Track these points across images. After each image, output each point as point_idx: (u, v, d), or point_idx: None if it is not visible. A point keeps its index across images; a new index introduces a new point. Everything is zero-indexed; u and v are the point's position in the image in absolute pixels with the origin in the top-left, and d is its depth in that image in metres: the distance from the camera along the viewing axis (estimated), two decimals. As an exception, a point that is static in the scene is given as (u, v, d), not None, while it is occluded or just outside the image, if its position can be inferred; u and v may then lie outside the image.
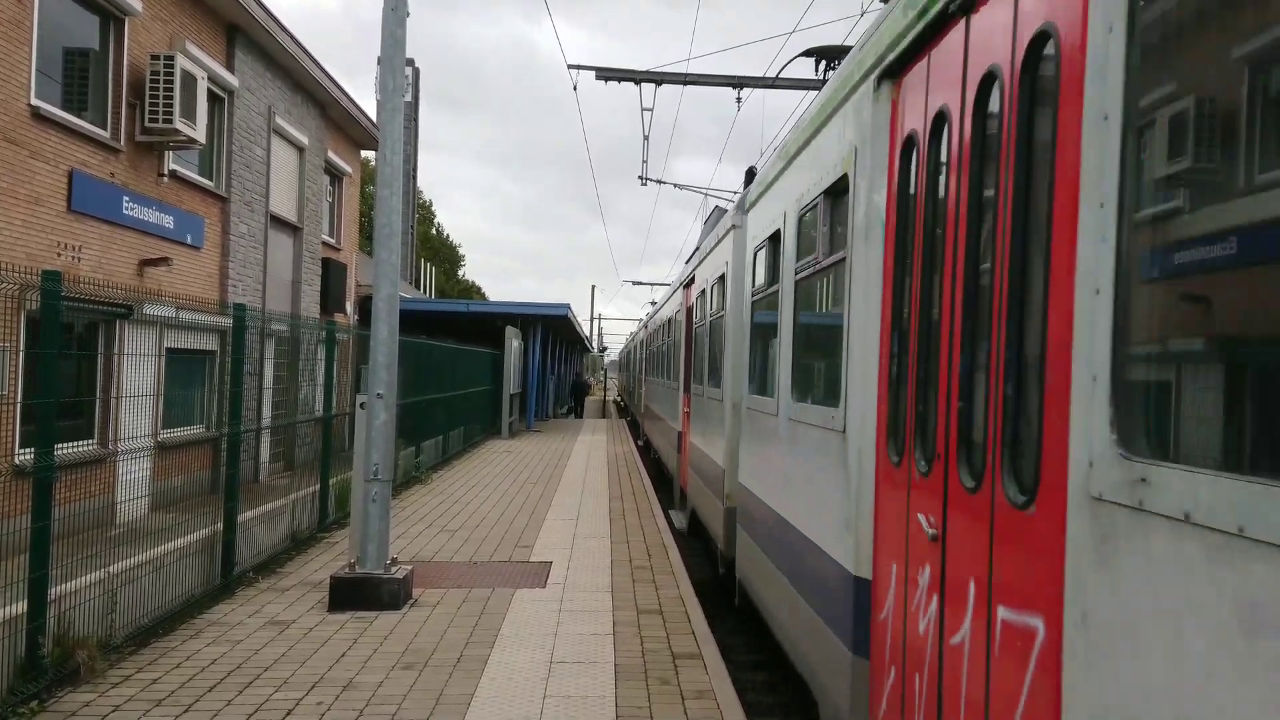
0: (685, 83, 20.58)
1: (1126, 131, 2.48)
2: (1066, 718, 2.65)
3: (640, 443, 27.70)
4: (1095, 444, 2.53)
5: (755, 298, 8.20)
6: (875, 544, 4.66)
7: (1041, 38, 3.02)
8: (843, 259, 5.12)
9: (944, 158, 3.90)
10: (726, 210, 11.42)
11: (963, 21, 3.69)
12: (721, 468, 10.12)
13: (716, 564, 10.68)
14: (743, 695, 6.87)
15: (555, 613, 8.60)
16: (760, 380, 7.90)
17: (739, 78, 20.32)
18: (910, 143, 4.30)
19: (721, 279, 10.79)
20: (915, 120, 4.24)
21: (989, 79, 3.43)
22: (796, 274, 6.39)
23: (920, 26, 4.04)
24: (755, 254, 8.27)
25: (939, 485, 3.80)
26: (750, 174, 12.13)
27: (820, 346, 5.93)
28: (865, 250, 4.70)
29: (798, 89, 21.08)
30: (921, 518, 3.95)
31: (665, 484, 19.05)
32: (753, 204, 8.64)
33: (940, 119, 3.92)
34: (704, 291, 12.67)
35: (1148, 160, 2.48)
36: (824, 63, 10.07)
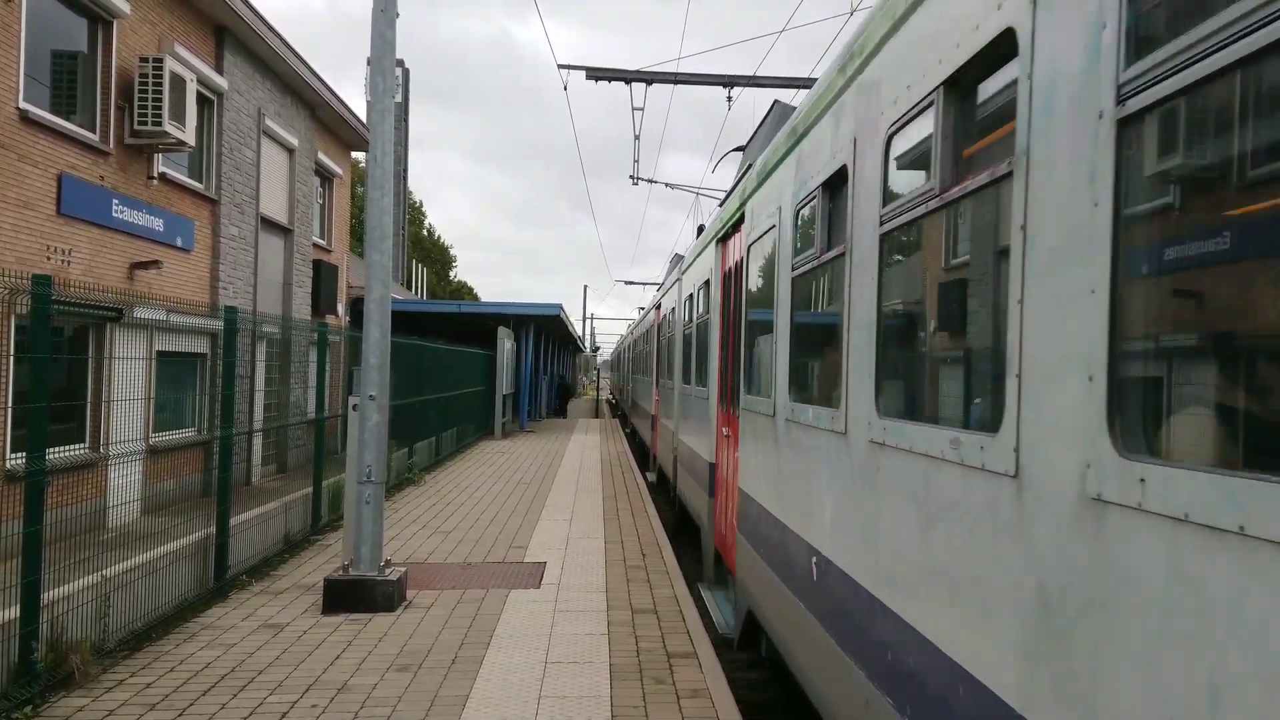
0: (676, 82, 20.58)
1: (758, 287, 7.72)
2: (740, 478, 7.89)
3: (628, 430, 31.30)
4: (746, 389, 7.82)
5: (684, 327, 13.98)
6: (715, 445, 10.08)
7: (750, 250, 7.84)
8: (706, 314, 10.95)
9: (733, 279, 8.89)
10: (683, 257, 16.26)
11: (735, 234, 8.92)
12: (672, 431, 15.42)
13: (670, 493, 16.16)
14: (738, 693, 6.88)
15: (550, 613, 8.60)
16: (681, 375, 14.28)
17: (730, 77, 20.33)
18: (726, 272, 9.57)
19: (673, 310, 16.32)
20: (726, 264, 9.58)
21: (741, 258, 8.32)
22: (697, 318, 12.28)
23: (722, 231, 9.71)
24: (686, 299, 13.90)
25: (727, 411, 9.15)
26: (700, 229, 16.75)
27: (698, 356, 11.95)
28: (713, 311, 10.35)
29: (788, 87, 21.11)
30: (724, 428, 9.38)
31: (659, 486, 19.04)
32: (684, 271, 14.56)
33: (732, 267, 9.03)
34: (662, 318, 19.21)
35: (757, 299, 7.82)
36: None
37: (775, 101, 8.88)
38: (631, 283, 65.80)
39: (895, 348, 4.42)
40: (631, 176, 23.15)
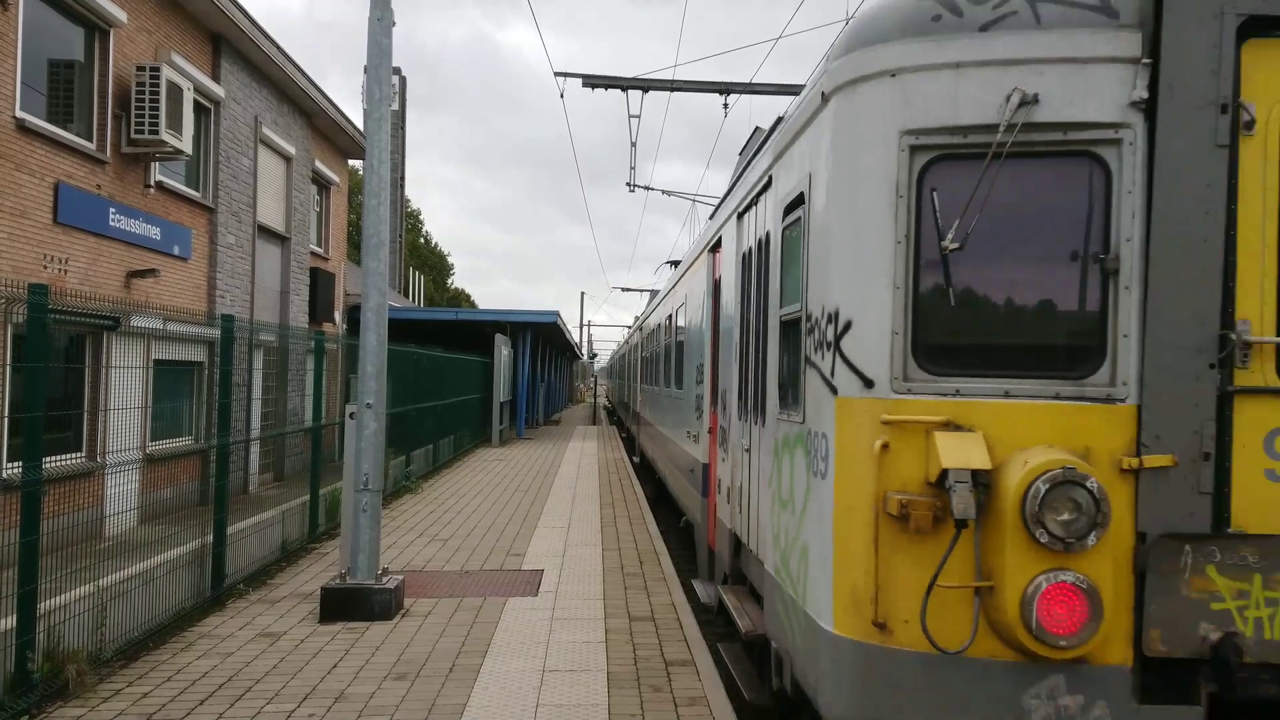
0: (672, 89, 20.64)
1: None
2: (725, 505, 8.43)
3: (624, 435, 34.56)
4: (732, 409, 8.18)
5: (666, 340, 15.43)
6: (710, 448, 9.67)
7: (719, 279, 9.18)
8: (700, 321, 10.66)
9: (721, 288, 9.03)
10: (658, 291, 18.52)
11: (717, 251, 9.36)
12: (636, 413, 19.14)
13: (636, 458, 20.31)
14: (736, 701, 6.87)
15: (547, 621, 8.59)
16: (659, 379, 16.59)
17: (725, 84, 20.39)
18: (715, 281, 9.50)
19: (654, 330, 18.34)
20: (717, 274, 9.39)
21: (720, 277, 9.15)
22: (678, 333, 13.16)
23: (712, 243, 9.59)
24: (667, 318, 15.27)
25: (713, 421, 9.31)
26: (675, 263, 18.39)
27: (678, 361, 13.27)
28: (701, 317, 10.42)
29: (783, 94, 21.14)
30: (714, 433, 9.33)
31: (659, 500, 19.07)
32: (671, 288, 15.24)
33: (719, 279, 9.23)
34: (646, 335, 21.77)
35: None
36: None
37: (756, 128, 8.90)
38: (629, 289, 65.80)
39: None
40: (628, 184, 23.19)
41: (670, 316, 14.62)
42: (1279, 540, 4.19)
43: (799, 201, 5.51)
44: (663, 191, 28.33)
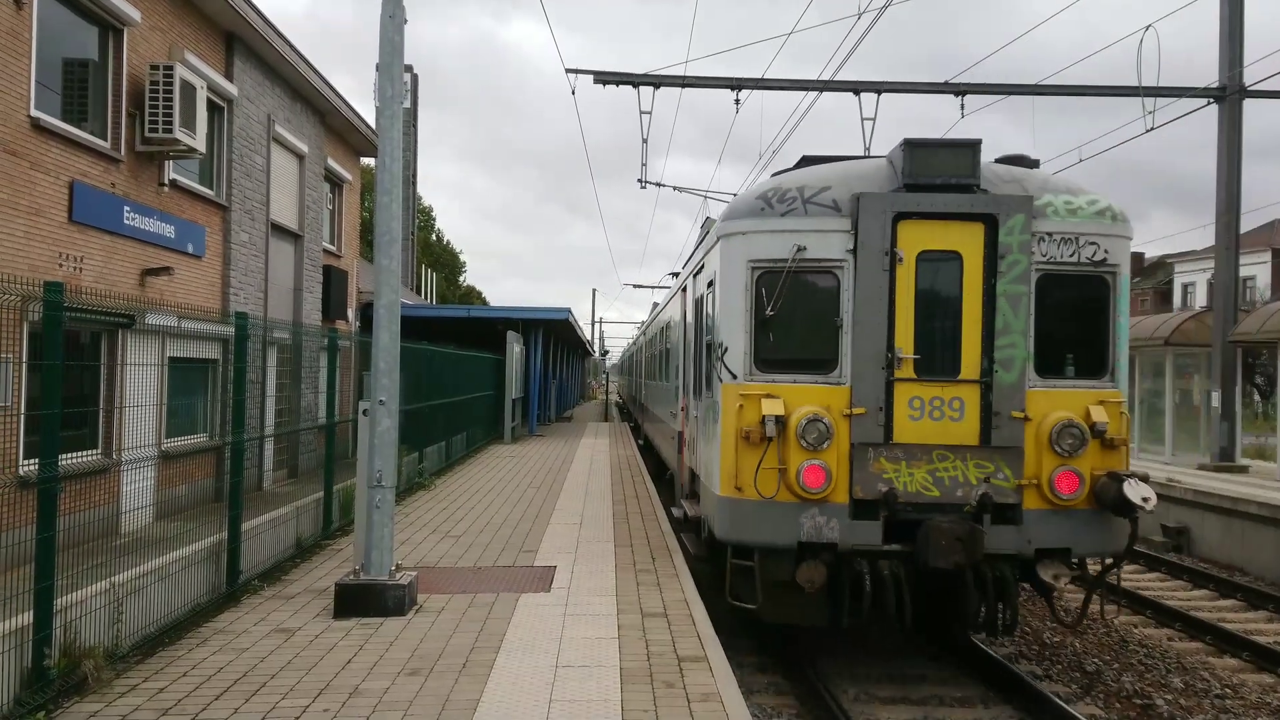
0: (684, 85, 20.61)
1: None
2: (687, 453, 12.88)
3: (634, 426, 38.51)
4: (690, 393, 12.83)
5: (658, 348, 20.47)
6: (682, 420, 13.53)
7: (684, 311, 13.94)
8: (677, 338, 15.03)
9: (685, 317, 13.40)
10: (657, 304, 23.88)
11: (684, 291, 13.82)
12: (642, 404, 28.03)
13: (641, 441, 26.89)
14: (749, 697, 6.88)
15: (560, 617, 8.61)
16: (654, 375, 22.25)
17: (737, 79, 20.34)
18: (683, 312, 13.72)
19: (651, 339, 24.52)
20: (684, 307, 13.52)
21: (685, 310, 13.63)
22: (665, 342, 18.03)
23: (681, 285, 14.22)
24: (659, 332, 20.33)
25: (684, 403, 13.31)
26: (676, 274, 22.28)
27: (666, 362, 17.69)
28: (678, 335, 14.69)
29: (794, 90, 21.07)
30: (683, 410, 13.47)
31: (665, 489, 19.12)
32: (662, 309, 20.58)
33: (685, 311, 13.57)
34: (646, 341, 27.85)
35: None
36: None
37: (707, 218, 13.45)
38: (640, 286, 65.88)
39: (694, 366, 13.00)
40: (640, 180, 23.15)
41: (660, 331, 20.55)
42: (913, 446, 8.71)
43: (712, 282, 10.26)
44: (674, 188, 28.33)
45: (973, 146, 8.92)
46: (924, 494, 8.65)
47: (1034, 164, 9.75)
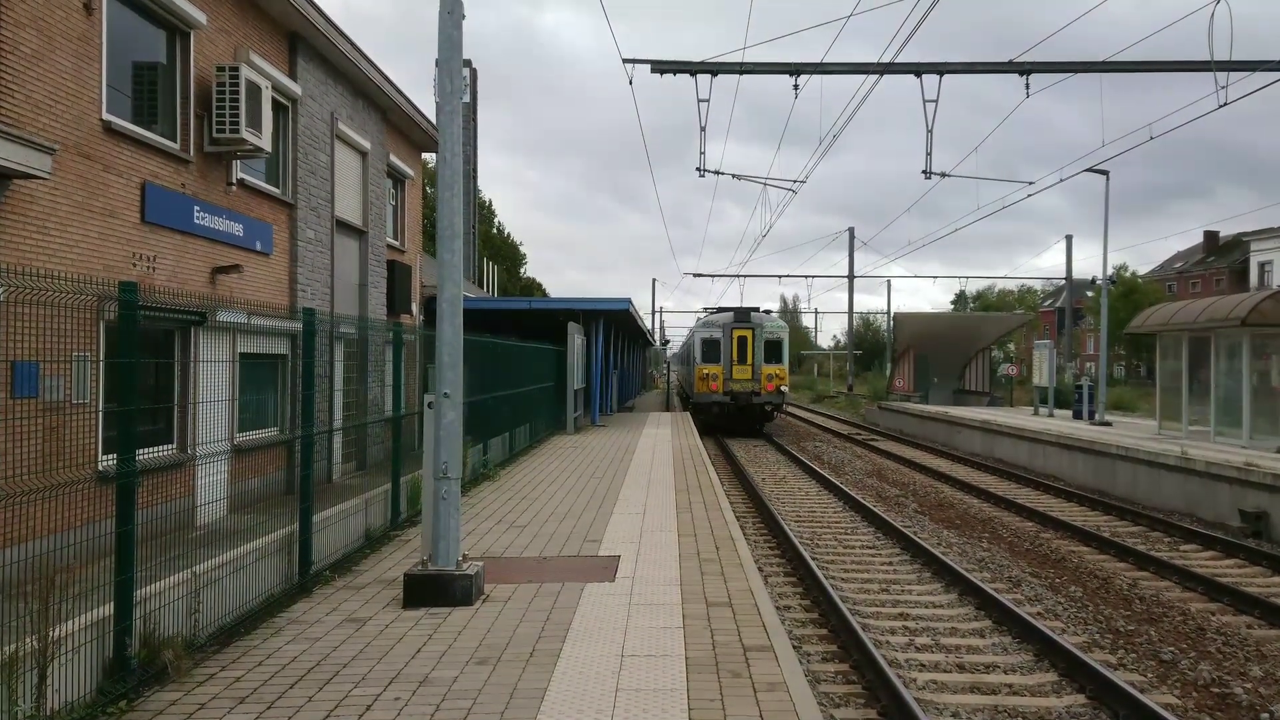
0: (741, 72, 20.46)
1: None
2: (686, 384, 48.58)
3: (681, 396, 55.87)
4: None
5: (685, 353, 55.71)
6: (689, 378, 42.46)
7: (692, 345, 45.84)
8: (688, 351, 47.42)
9: (691, 347, 43.90)
10: (693, 329, 46.93)
11: (694, 336, 44.34)
12: (682, 376, 55.83)
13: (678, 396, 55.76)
14: (815, 687, 6.83)
15: (625, 606, 8.64)
16: (683, 363, 56.38)
17: (796, 65, 20.14)
18: (691, 345, 44.41)
19: (686, 349, 53.73)
20: (694, 341, 41.96)
21: (692, 344, 43.38)
22: (690, 352, 46.04)
23: (693, 331, 46.48)
24: (687, 347, 53.48)
25: (688, 370, 44.70)
26: (707, 308, 54.31)
27: (688, 360, 47.03)
28: (693, 353, 40.97)
29: (857, 73, 20.81)
30: (688, 371, 45.98)
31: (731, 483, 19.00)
32: (689, 338, 50.28)
33: (692, 344, 43.64)
34: (684, 349, 58.57)
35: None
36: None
37: (705, 308, 41.33)
38: (700, 275, 66.21)
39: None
40: (698, 169, 23.10)
41: (688, 349, 48.33)
42: (736, 380, 36.91)
43: (694, 340, 40.68)
44: (734, 175, 28.12)
45: (754, 310, 37.83)
46: (738, 391, 35.82)
47: (768, 312, 39.03)
